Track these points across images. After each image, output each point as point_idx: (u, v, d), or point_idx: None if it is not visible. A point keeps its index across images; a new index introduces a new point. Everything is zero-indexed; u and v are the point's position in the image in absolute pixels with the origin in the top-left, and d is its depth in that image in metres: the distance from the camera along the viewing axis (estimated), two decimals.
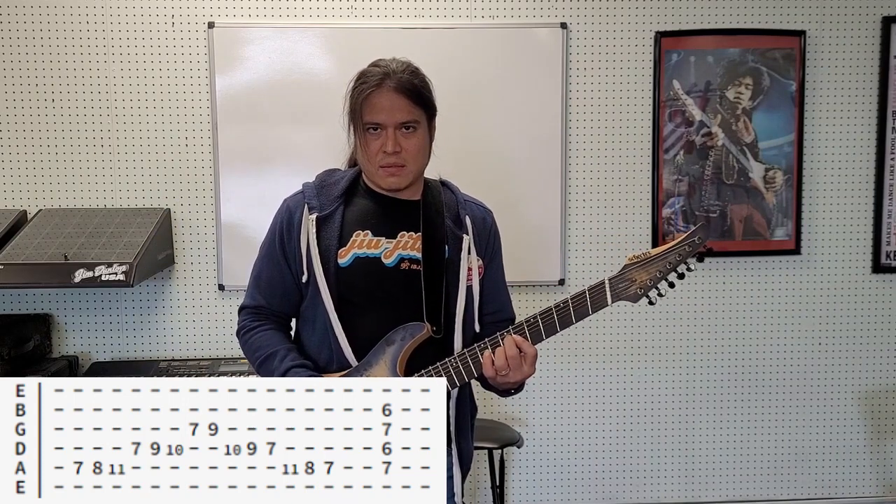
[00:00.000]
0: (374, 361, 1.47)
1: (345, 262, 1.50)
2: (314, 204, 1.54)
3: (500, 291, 1.66)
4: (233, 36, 2.81)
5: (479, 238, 1.60)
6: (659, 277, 1.42)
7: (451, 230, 1.56)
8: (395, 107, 1.48)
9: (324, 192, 1.57)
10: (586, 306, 1.44)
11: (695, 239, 1.41)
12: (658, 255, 1.42)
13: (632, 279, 1.43)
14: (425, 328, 1.47)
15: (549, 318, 1.45)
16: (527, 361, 1.44)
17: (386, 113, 1.48)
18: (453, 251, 1.55)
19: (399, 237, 1.54)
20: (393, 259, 1.52)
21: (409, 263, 1.52)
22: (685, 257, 1.42)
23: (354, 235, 1.52)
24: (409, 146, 1.50)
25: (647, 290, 1.43)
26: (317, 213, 1.53)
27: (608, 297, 1.43)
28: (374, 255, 1.51)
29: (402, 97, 1.49)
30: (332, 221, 1.53)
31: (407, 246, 1.54)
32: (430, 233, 1.54)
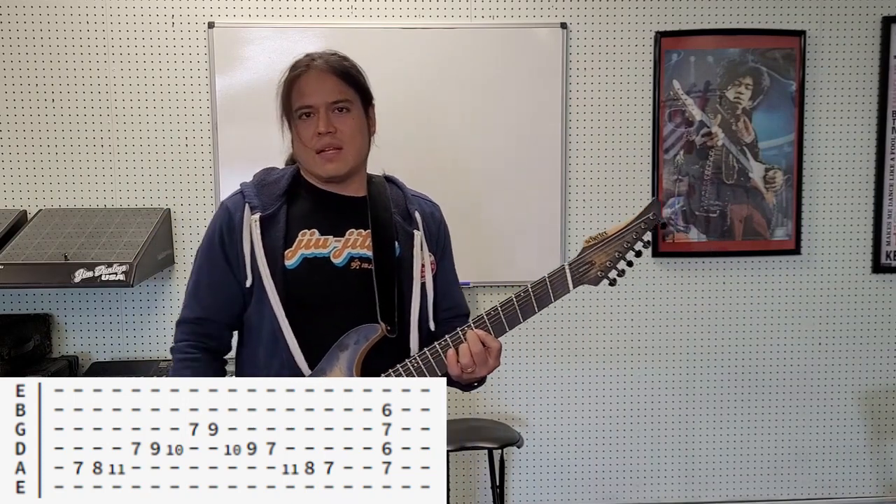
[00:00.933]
0: (329, 368, 1.40)
1: (292, 264, 1.44)
2: (256, 203, 1.47)
3: (453, 287, 1.61)
4: (233, 36, 2.81)
5: (430, 233, 1.56)
6: (618, 258, 1.40)
7: (401, 226, 1.51)
8: (324, 87, 1.45)
9: (264, 190, 1.50)
10: (548, 294, 1.40)
11: (649, 216, 1.41)
12: (615, 234, 1.40)
13: (591, 262, 1.40)
14: (379, 329, 1.42)
15: (510, 308, 1.39)
16: (492, 355, 1.40)
17: (316, 94, 1.44)
18: (405, 248, 1.50)
19: (347, 235, 1.48)
20: (342, 258, 1.46)
21: (359, 262, 1.46)
22: (641, 234, 1.40)
23: (300, 235, 1.46)
24: (343, 126, 1.45)
25: (607, 271, 1.40)
26: (259, 212, 1.46)
27: (569, 282, 1.40)
28: (323, 255, 1.45)
29: (331, 77, 1.45)
30: (276, 221, 1.46)
31: (356, 244, 1.48)
32: (379, 230, 1.49)
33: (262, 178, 1.55)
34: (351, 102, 1.47)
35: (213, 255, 1.48)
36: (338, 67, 1.47)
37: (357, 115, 1.48)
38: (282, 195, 1.49)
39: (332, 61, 1.47)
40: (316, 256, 1.45)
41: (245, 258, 1.44)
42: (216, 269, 1.48)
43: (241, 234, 1.45)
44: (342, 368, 1.40)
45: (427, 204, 1.61)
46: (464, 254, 2.93)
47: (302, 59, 1.49)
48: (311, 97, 1.45)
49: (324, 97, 1.44)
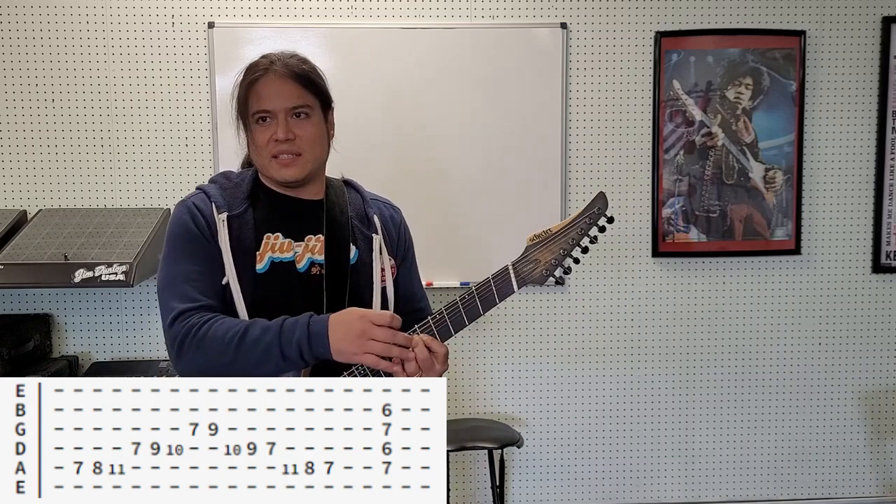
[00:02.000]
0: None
1: (262, 268, 1.40)
2: (221, 203, 1.42)
3: (415, 289, 1.59)
4: (233, 36, 2.81)
5: (390, 237, 1.53)
6: (563, 255, 1.36)
7: (359, 230, 1.49)
8: (283, 92, 1.40)
9: (227, 193, 1.45)
10: (492, 295, 1.35)
11: (594, 210, 1.36)
12: (559, 231, 1.36)
13: (536, 260, 1.36)
14: None
15: (455, 313, 1.35)
16: (438, 360, 1.35)
17: (274, 99, 1.39)
18: (364, 252, 1.47)
19: (306, 240, 1.45)
20: (304, 263, 1.43)
21: (319, 268, 1.43)
22: (587, 230, 1.36)
23: (266, 238, 1.42)
24: (302, 133, 1.41)
25: (552, 269, 1.36)
26: (226, 211, 1.41)
27: (513, 282, 1.35)
28: (288, 259, 1.42)
29: (291, 81, 1.41)
30: (244, 222, 1.41)
31: (314, 250, 1.44)
32: (333, 234, 1.45)
33: (222, 182, 1.49)
34: (311, 108, 1.43)
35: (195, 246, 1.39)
36: (298, 72, 1.42)
37: (317, 121, 1.44)
38: (246, 198, 1.45)
39: (291, 65, 1.43)
40: (282, 261, 1.42)
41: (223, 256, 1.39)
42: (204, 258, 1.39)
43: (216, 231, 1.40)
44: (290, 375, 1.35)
45: (387, 207, 1.58)
46: (463, 254, 2.95)
47: (260, 62, 1.44)
48: (269, 102, 1.40)
49: (283, 103, 1.40)
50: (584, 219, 1.36)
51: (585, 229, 1.36)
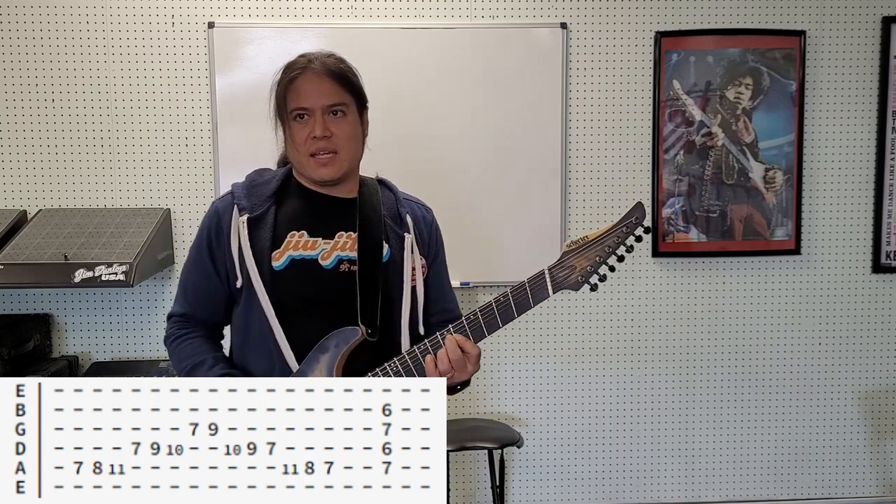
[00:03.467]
0: (309, 371, 1.40)
1: (279, 265, 1.43)
2: (244, 205, 1.47)
3: (445, 291, 1.60)
4: (233, 36, 2.81)
5: (421, 237, 1.54)
6: (599, 262, 1.37)
7: (392, 229, 1.50)
8: (321, 90, 1.43)
9: (254, 192, 1.50)
10: (527, 299, 1.37)
11: (632, 219, 1.38)
12: (596, 239, 1.38)
13: (572, 266, 1.37)
14: (359, 332, 1.41)
15: (489, 314, 1.38)
16: (470, 361, 1.38)
17: (312, 96, 1.43)
18: (395, 251, 1.49)
19: (337, 238, 1.47)
20: (331, 261, 1.45)
21: (348, 265, 1.46)
22: (623, 239, 1.37)
23: (289, 236, 1.46)
24: (339, 131, 1.44)
25: (587, 276, 1.38)
26: (247, 214, 1.46)
27: (549, 287, 1.37)
28: (311, 257, 1.45)
29: (329, 80, 1.44)
30: (264, 222, 1.46)
31: (346, 247, 1.47)
32: (366, 232, 1.47)
33: (253, 179, 1.55)
34: (347, 106, 1.46)
35: (199, 257, 1.50)
36: (335, 70, 1.46)
37: (352, 119, 1.47)
38: (271, 196, 1.49)
39: (329, 63, 1.46)
40: (303, 258, 1.44)
41: (234, 260, 1.44)
42: (200, 271, 1.50)
43: (228, 236, 1.46)
44: (322, 371, 1.39)
45: (419, 207, 1.60)
46: (463, 254, 2.94)
47: (298, 60, 1.48)
48: (307, 100, 1.44)
49: (320, 100, 1.43)
50: (622, 227, 1.38)
51: (622, 238, 1.38)
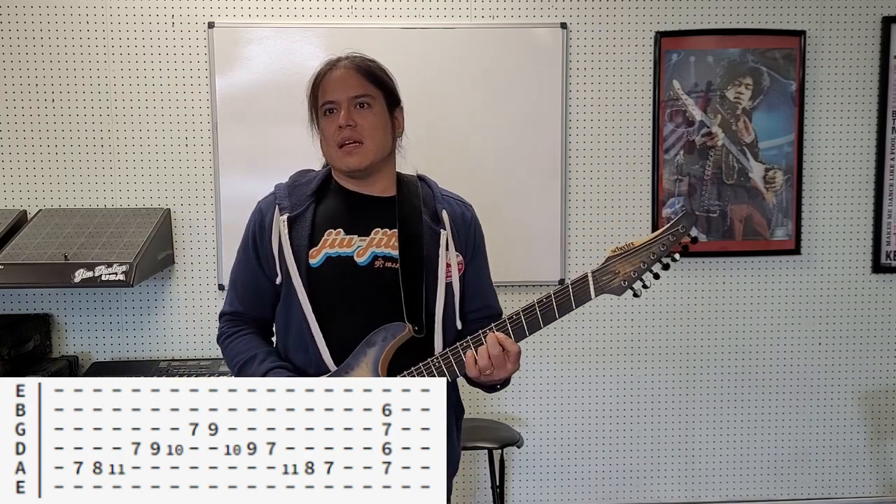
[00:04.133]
0: (355, 364, 1.44)
1: (316, 263, 1.48)
2: (285, 204, 1.53)
3: (484, 287, 1.63)
4: (233, 36, 2.81)
5: (458, 233, 1.57)
6: (643, 269, 1.39)
7: (427, 226, 1.53)
8: (347, 82, 1.50)
9: (296, 192, 1.56)
10: (569, 301, 1.41)
11: (678, 228, 1.39)
12: (642, 245, 1.39)
13: (615, 271, 1.40)
14: (406, 328, 1.44)
15: (531, 314, 1.41)
16: (510, 359, 1.42)
17: (339, 90, 1.49)
18: (430, 247, 1.52)
19: (373, 234, 1.51)
20: (366, 257, 1.49)
21: (383, 261, 1.49)
22: (669, 247, 1.39)
23: (326, 234, 1.50)
24: (363, 121, 1.49)
25: (631, 282, 1.40)
26: (287, 213, 1.52)
27: (591, 290, 1.40)
28: (347, 254, 1.49)
29: (355, 73, 1.51)
30: (302, 221, 1.51)
31: (381, 243, 1.50)
32: (406, 229, 1.51)
33: (296, 180, 1.60)
34: (373, 98, 1.51)
35: (246, 255, 1.57)
36: (362, 66, 1.52)
37: (379, 111, 1.52)
38: (310, 196, 1.54)
39: (356, 60, 1.54)
40: (339, 255, 1.49)
41: (274, 258, 1.50)
42: (249, 269, 1.56)
43: (270, 234, 1.51)
44: (368, 364, 1.43)
45: (458, 204, 1.63)
46: None
47: (329, 60, 1.56)
48: (333, 93, 1.50)
49: (346, 92, 1.49)
50: (667, 235, 1.39)
51: (668, 246, 1.39)
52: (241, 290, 1.57)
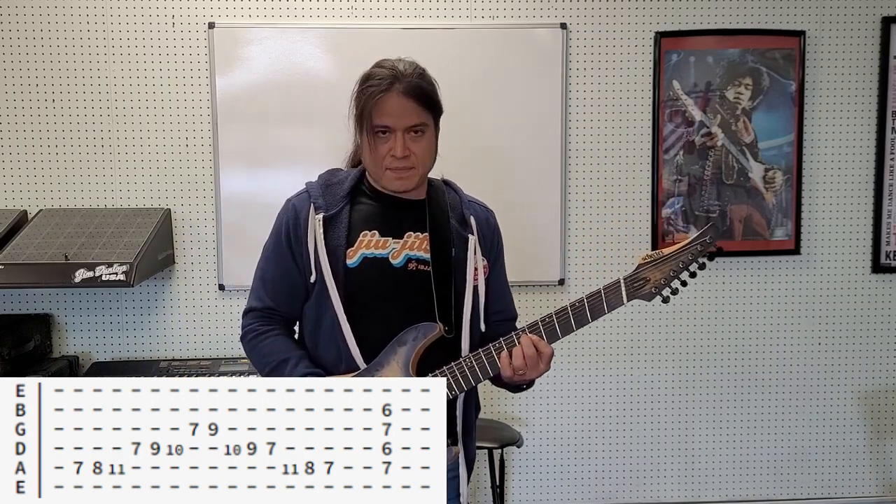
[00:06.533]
0: (386, 362, 1.46)
1: (353, 263, 1.50)
2: (320, 203, 1.54)
3: (504, 291, 1.68)
4: (233, 36, 2.81)
5: (484, 238, 1.62)
6: (672, 276, 1.46)
7: (456, 230, 1.57)
8: (404, 111, 1.48)
9: (329, 191, 1.56)
10: (602, 305, 1.45)
11: (706, 238, 1.46)
12: (671, 254, 1.46)
13: (646, 278, 1.46)
14: (437, 328, 1.48)
15: (564, 316, 1.46)
16: (543, 360, 1.46)
17: (395, 117, 1.48)
18: (460, 251, 1.56)
19: (406, 237, 1.54)
20: (400, 259, 1.52)
21: (416, 264, 1.53)
22: (697, 256, 1.46)
23: (361, 236, 1.53)
24: (417, 150, 1.51)
25: (660, 288, 1.46)
26: (323, 212, 1.53)
27: (624, 295, 1.45)
28: (383, 256, 1.52)
29: (412, 101, 1.49)
30: (339, 221, 1.53)
31: (414, 246, 1.54)
32: (437, 233, 1.55)
33: (327, 179, 1.60)
34: (427, 126, 1.53)
35: (279, 251, 1.55)
36: (418, 91, 1.50)
37: (430, 136, 1.55)
38: (345, 196, 1.55)
39: (413, 85, 1.49)
40: (376, 256, 1.52)
41: (309, 255, 1.51)
42: (282, 265, 1.55)
43: (305, 232, 1.52)
44: (399, 363, 1.46)
45: (482, 210, 1.67)
46: None
47: (383, 75, 1.49)
48: (390, 119, 1.48)
49: (403, 121, 1.49)
50: (696, 245, 1.46)
51: (696, 255, 1.46)
52: (273, 286, 1.57)
